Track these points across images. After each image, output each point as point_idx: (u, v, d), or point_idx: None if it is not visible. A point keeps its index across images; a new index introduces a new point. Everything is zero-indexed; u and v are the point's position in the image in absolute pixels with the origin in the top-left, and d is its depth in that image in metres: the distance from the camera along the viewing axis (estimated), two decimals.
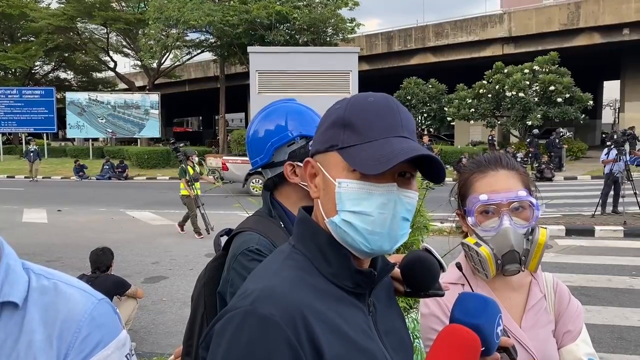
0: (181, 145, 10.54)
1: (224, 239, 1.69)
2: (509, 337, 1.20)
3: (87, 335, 0.91)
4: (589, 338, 1.46)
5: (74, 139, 38.15)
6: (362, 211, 0.93)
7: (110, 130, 33.20)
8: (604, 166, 12.17)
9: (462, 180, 1.47)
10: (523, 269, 1.37)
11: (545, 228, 1.38)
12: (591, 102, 24.69)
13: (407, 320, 2.89)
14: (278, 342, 0.85)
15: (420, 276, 1.12)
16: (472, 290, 1.20)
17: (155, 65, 34.95)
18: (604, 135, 17.98)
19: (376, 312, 1.03)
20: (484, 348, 1.05)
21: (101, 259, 4.97)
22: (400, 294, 1.19)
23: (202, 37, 31.80)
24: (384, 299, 1.09)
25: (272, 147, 1.67)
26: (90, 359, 0.90)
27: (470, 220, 1.39)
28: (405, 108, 1.00)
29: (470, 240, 1.38)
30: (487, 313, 1.06)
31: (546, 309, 1.45)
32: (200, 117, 66.61)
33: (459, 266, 1.30)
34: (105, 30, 36.95)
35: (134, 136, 34.02)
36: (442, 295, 1.15)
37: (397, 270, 1.18)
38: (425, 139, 22.11)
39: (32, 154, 23.21)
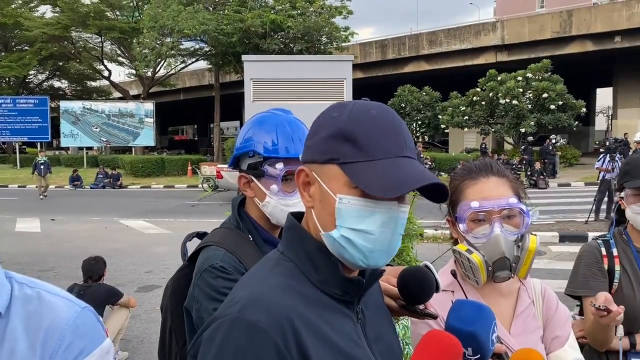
0: None
1: (190, 246, 1.67)
2: (501, 343, 1.20)
3: (71, 343, 0.92)
4: (576, 343, 1.47)
5: (68, 147, 38.08)
6: (364, 229, 0.92)
7: (104, 139, 33.14)
8: (599, 172, 12.22)
9: (452, 187, 1.47)
10: (513, 275, 1.38)
11: (535, 235, 1.39)
12: (584, 109, 24.86)
13: (397, 327, 2.89)
14: (266, 349, 0.85)
15: (419, 285, 1.13)
16: (466, 297, 1.20)
17: (149, 73, 34.95)
18: (597, 143, 18.07)
19: (365, 320, 1.02)
20: (479, 355, 1.05)
21: (94, 268, 4.94)
22: (394, 312, 1.19)
23: (197, 46, 31.87)
24: (373, 306, 1.08)
25: (235, 154, 1.65)
26: None
27: (461, 227, 1.40)
28: (403, 121, 0.99)
29: (462, 247, 1.39)
30: (482, 320, 1.06)
31: (534, 315, 1.46)
32: (195, 126, 66.57)
33: (454, 274, 1.30)
34: (100, 39, 36.98)
35: (129, 145, 33.99)
36: (436, 317, 1.16)
37: (390, 288, 1.18)
38: (420, 146, 22.15)
39: (42, 167, 20.17)
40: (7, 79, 39.06)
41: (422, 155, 19.49)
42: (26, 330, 0.91)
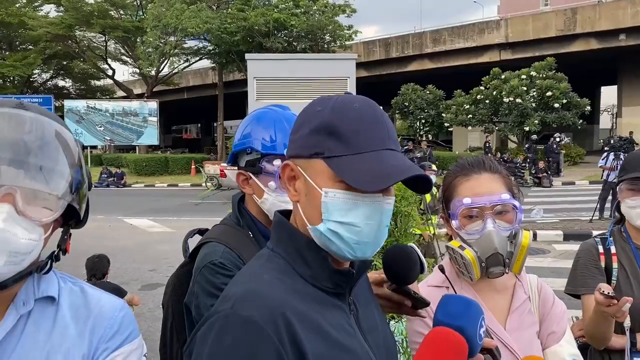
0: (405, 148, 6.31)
1: (192, 243, 1.68)
2: (492, 338, 1.21)
3: (118, 331, 1.02)
4: (573, 339, 1.47)
5: None
6: (349, 222, 0.93)
7: (108, 138, 33.18)
8: (603, 171, 12.20)
9: (446, 184, 1.48)
10: (507, 271, 1.39)
11: (529, 230, 1.39)
12: (588, 108, 24.75)
13: (400, 325, 2.90)
14: (261, 343, 0.86)
15: (402, 261, 1.15)
16: (455, 292, 1.21)
17: (153, 72, 34.98)
18: (601, 141, 17.95)
19: (357, 311, 1.04)
20: None
21: (97, 266, 4.96)
22: (384, 299, 1.20)
23: (200, 45, 31.89)
24: (363, 297, 1.10)
25: (233, 151, 1.66)
26: (118, 350, 1.01)
27: (454, 223, 1.41)
28: (386, 114, 1.00)
29: (455, 244, 1.40)
30: (470, 314, 1.06)
31: (530, 311, 1.46)
32: (199, 125, 66.59)
33: (441, 269, 1.31)
34: (104, 38, 37.02)
35: (133, 143, 34.03)
36: (428, 303, 1.18)
37: (377, 275, 1.20)
38: (424, 144, 22.12)
39: None
40: (11, 78, 39.08)
41: (426, 154, 19.43)
42: (74, 319, 1.00)
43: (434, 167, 7.77)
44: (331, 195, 0.93)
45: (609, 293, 1.60)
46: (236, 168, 1.66)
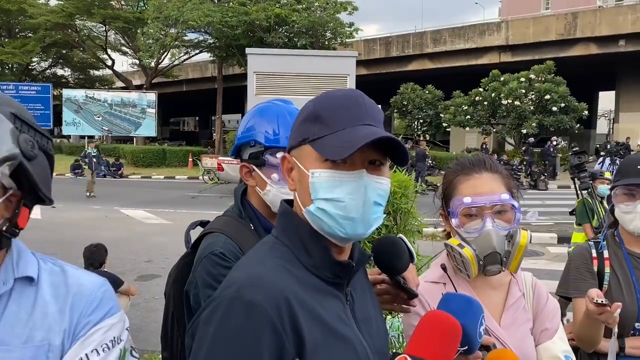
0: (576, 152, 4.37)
1: (194, 234, 1.70)
2: (489, 335, 1.25)
3: (98, 306, 1.05)
4: (565, 336, 1.50)
5: (69, 136, 38.01)
6: (334, 198, 0.98)
7: (106, 128, 33.11)
8: None
9: (446, 182, 1.51)
10: (504, 269, 1.42)
11: (526, 230, 1.42)
12: (586, 112, 24.81)
13: (396, 320, 2.93)
14: (264, 327, 0.89)
15: (390, 249, 1.19)
16: (455, 290, 1.24)
17: (153, 64, 34.89)
18: (597, 146, 17.98)
19: (354, 302, 1.08)
20: (466, 347, 1.09)
21: (95, 255, 4.98)
22: (381, 294, 1.23)
23: (201, 38, 31.80)
24: (360, 288, 1.14)
25: (236, 143, 1.69)
26: (100, 324, 1.04)
27: (454, 221, 1.44)
28: (373, 101, 1.06)
29: (454, 242, 1.43)
30: (471, 313, 1.10)
31: (525, 307, 1.49)
32: (197, 118, 66.46)
33: (444, 267, 1.34)
34: (104, 28, 36.91)
35: (130, 134, 33.97)
36: (416, 295, 1.22)
37: (373, 275, 1.23)
38: (423, 144, 22.16)
39: (95, 160, 17.31)
40: (10, 65, 38.95)
41: (428, 154, 19.52)
42: (54, 297, 1.03)
43: (607, 174, 6.11)
44: (317, 175, 0.99)
45: (601, 301, 1.62)
46: (239, 160, 1.69)
